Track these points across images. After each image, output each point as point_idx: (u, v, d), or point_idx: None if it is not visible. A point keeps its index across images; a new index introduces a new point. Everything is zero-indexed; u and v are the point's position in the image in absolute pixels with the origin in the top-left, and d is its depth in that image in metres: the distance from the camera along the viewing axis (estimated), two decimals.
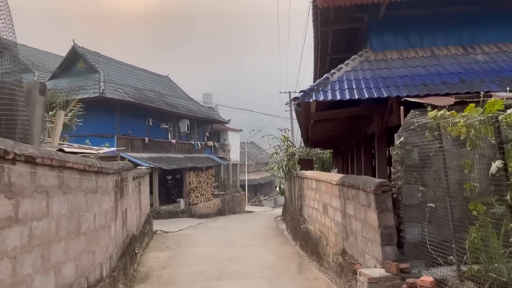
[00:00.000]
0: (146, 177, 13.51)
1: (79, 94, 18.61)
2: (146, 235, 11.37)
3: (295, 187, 13.67)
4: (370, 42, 9.22)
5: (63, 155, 4.02)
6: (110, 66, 23.09)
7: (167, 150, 23.18)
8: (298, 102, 7.43)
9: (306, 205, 10.94)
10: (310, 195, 10.19)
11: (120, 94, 19.40)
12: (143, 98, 21.36)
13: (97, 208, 5.04)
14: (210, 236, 13.09)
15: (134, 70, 25.94)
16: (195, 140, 26.93)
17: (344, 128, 13.22)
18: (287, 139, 16.59)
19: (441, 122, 4.54)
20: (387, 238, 5.45)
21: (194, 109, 27.48)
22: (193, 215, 22.02)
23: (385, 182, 5.53)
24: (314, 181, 9.46)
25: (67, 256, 4.08)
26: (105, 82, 19.51)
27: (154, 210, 19.37)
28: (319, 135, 15.31)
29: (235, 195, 30.50)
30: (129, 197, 8.26)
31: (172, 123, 24.28)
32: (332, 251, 7.69)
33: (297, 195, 12.84)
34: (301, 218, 11.65)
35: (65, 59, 21.83)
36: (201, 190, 23.97)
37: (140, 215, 10.92)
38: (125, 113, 20.97)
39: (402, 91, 7.22)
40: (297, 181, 12.96)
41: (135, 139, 20.64)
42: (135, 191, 9.77)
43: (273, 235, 13.11)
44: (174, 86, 29.63)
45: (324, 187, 8.31)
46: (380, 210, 5.48)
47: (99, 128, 19.72)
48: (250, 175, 49.06)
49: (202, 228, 16.02)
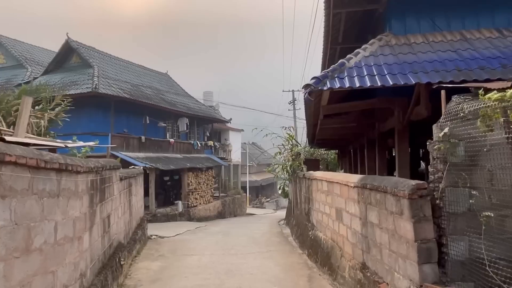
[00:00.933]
0: (140, 177, 12.45)
1: (71, 90, 17.58)
2: (137, 242, 10.28)
3: (301, 189, 12.59)
4: (390, 25, 8.13)
5: (0, 145, 2.95)
6: (105, 61, 22.06)
7: (165, 150, 22.11)
8: (310, 90, 6.34)
9: (314, 210, 9.84)
10: (320, 198, 9.10)
11: (115, 90, 18.35)
12: (139, 95, 20.31)
13: (59, 216, 3.96)
14: (208, 242, 11.99)
15: (131, 66, 24.90)
16: (194, 140, 25.87)
17: (355, 126, 12.12)
18: (292, 138, 15.49)
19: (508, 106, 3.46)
20: (425, 254, 4.35)
21: (194, 107, 26.42)
22: (192, 218, 20.93)
23: (423, 184, 4.44)
24: (325, 183, 8.37)
25: (7, 283, 3.00)
26: (99, 77, 18.47)
27: (150, 213, 18.32)
28: (327, 133, 14.22)
29: (236, 197, 29.41)
30: (114, 201, 7.18)
31: (171, 122, 23.22)
32: (349, 264, 6.59)
33: (304, 198, 11.75)
34: (309, 223, 10.55)
35: (58, 53, 20.79)
36: (201, 192, 22.88)
37: (131, 220, 9.85)
38: (120, 110, 19.92)
39: (434, 77, 6.12)
40: (303, 183, 11.87)
41: (130, 138, 19.58)
42: (124, 193, 8.69)
43: (277, 242, 12.01)
44: (173, 84, 28.58)
45: (338, 189, 7.22)
46: (417, 220, 4.38)
47: (92, 125, 18.69)
48: (252, 177, 47.98)
49: (200, 233, 14.92)
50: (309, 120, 11.29)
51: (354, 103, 8.29)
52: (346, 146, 20.03)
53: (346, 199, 6.75)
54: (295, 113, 29.13)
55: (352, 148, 17.65)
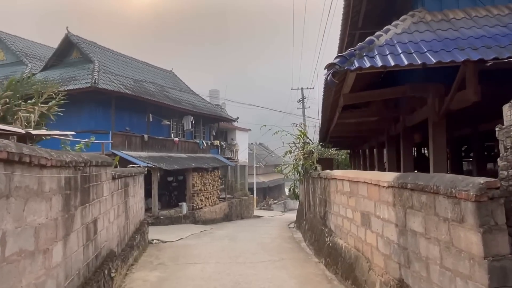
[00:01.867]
0: (139, 177, 11.46)
1: (70, 85, 16.69)
2: (135, 248, 9.27)
3: (316, 190, 11.51)
4: (423, 1, 7.04)
5: None
6: (106, 56, 21.17)
7: (169, 149, 21.14)
8: (334, 71, 5.27)
9: (332, 213, 8.75)
10: (340, 200, 8.01)
11: (116, 85, 17.42)
12: (142, 91, 19.36)
13: (10, 224, 2.93)
14: (214, 249, 10.95)
15: (134, 63, 23.99)
16: (200, 139, 24.89)
17: (376, 120, 11.04)
18: (304, 135, 14.40)
19: None
20: (499, 275, 3.27)
21: (199, 105, 25.45)
22: (197, 221, 19.92)
23: (495, 182, 3.35)
24: (347, 183, 7.28)
25: None
26: (100, 72, 17.55)
27: (153, 216, 17.34)
28: (342, 130, 13.14)
29: (243, 199, 28.37)
30: (103, 203, 6.17)
31: (175, 120, 22.26)
32: (380, 279, 5.50)
33: (319, 200, 10.66)
34: (325, 228, 9.46)
35: (58, 48, 19.92)
36: (206, 193, 21.86)
37: (127, 224, 8.84)
38: (122, 108, 19.00)
39: (486, 53, 5.03)
40: (318, 183, 10.79)
41: (133, 136, 18.63)
42: (118, 194, 7.69)
43: (290, 248, 10.92)
44: (178, 81, 27.65)
45: (365, 190, 6.14)
46: (487, 229, 3.30)
47: (92, 123, 17.81)
48: (259, 178, 46.91)
49: (205, 237, 13.89)
50: (324, 114, 10.22)
51: (381, 91, 7.21)
52: (361, 145, 18.91)
53: (377, 202, 5.66)
54: (304, 112, 28.05)
55: (368, 147, 16.53)
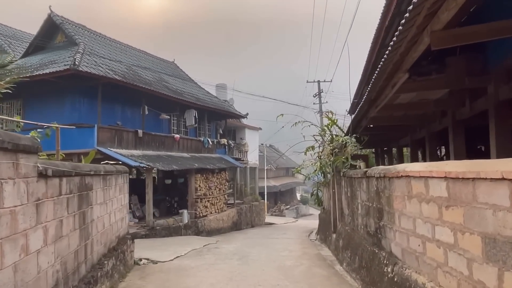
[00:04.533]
0: (118, 178, 8.55)
1: (46, 70, 13.92)
2: (102, 281, 6.31)
3: (356, 194, 8.45)
4: None
5: None
6: (97, 41, 18.41)
7: (169, 148, 18.25)
8: None
9: (398, 230, 5.71)
10: (417, 211, 4.98)
11: (103, 70, 14.60)
12: (136, 79, 16.52)
13: None
14: (218, 276, 7.96)
15: (130, 50, 21.21)
16: (205, 137, 21.97)
17: (437, 100, 8.03)
18: (334, 123, 11.32)
19: None
20: None
21: (204, 99, 22.55)
22: (201, 231, 16.95)
23: None
24: (440, 183, 4.25)
25: None
26: (84, 54, 14.77)
27: (147, 226, 14.43)
28: (385, 116, 10.16)
29: (253, 204, 25.35)
30: (24, 218, 3.24)
31: (176, 114, 19.37)
32: None
33: (365, 208, 7.60)
34: (381, 251, 6.40)
35: (40, 31, 17.19)
36: (212, 199, 18.89)
37: (86, 247, 5.89)
38: (113, 99, 16.20)
39: None
40: (364, 185, 7.74)
41: (124, 131, 15.77)
42: (59, 202, 4.77)
43: (324, 277, 7.85)
44: (180, 73, 24.81)
45: (503, 194, 3.13)
46: None
47: (75, 116, 15.02)
48: (270, 181, 43.88)
49: (208, 255, 10.91)
50: (374, 85, 7.19)
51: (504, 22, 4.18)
52: (394, 141, 15.74)
53: None
54: (321, 107, 24.98)
55: (409, 142, 13.39)
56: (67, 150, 12.31)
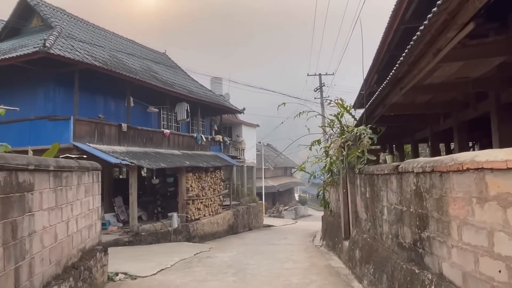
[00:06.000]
0: (87, 176, 6.88)
1: (13, 54, 12.20)
2: None
3: (380, 195, 6.79)
4: None
5: None
6: (77, 26, 16.67)
7: (157, 144, 16.55)
8: None
9: (454, 246, 4.06)
10: (485, 219, 3.33)
11: (80, 55, 12.89)
12: (120, 67, 14.80)
13: None
14: None
15: (116, 38, 19.45)
16: (198, 133, 20.27)
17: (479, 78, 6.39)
18: (347, 111, 9.62)
19: None
20: None
21: (197, 92, 20.84)
22: (193, 236, 15.27)
23: None
24: None
25: None
26: (59, 37, 13.04)
27: (131, 232, 12.75)
28: (413, 99, 8.59)
29: (251, 206, 23.69)
30: None
31: (166, 108, 17.67)
32: None
33: (396, 213, 5.93)
34: (424, 272, 4.75)
35: (13, 14, 15.39)
36: (205, 200, 17.19)
37: (32, 266, 4.23)
38: (92, 88, 14.51)
39: None
40: (390, 184, 6.08)
41: (106, 125, 14.05)
42: None
43: None
44: (172, 65, 23.09)
45: None
46: None
47: (49, 107, 13.34)
48: (267, 181, 42.22)
49: (199, 267, 9.22)
50: (410, 54, 5.55)
51: None
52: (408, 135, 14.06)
53: None
54: (322, 102, 23.35)
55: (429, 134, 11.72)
56: (39, 146, 10.65)
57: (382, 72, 12.84)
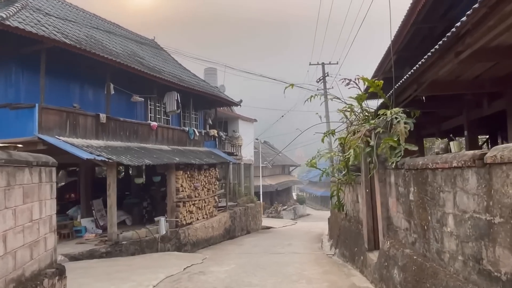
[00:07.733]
0: (27, 174, 4.89)
1: None
2: None
3: (439, 199, 4.82)
4: None
5: None
6: (51, 3, 14.56)
7: (143, 138, 14.52)
8: None
9: None
10: None
11: (48, 31, 10.83)
12: (98, 48, 12.74)
13: None
14: None
15: (97, 20, 17.34)
16: (190, 126, 18.26)
17: None
18: (378, 87, 7.57)
19: None
20: None
21: (189, 80, 18.81)
22: (184, 244, 13.26)
23: None
24: None
25: None
26: (22, 10, 10.98)
27: (109, 241, 10.75)
28: (461, 73, 6.68)
29: (249, 206, 21.73)
30: None
31: (154, 98, 15.62)
32: None
33: (474, 225, 3.95)
34: None
35: None
36: (198, 202, 15.18)
37: None
38: (66, 74, 12.49)
39: None
40: (464, 183, 4.12)
41: (80, 115, 12.00)
42: None
43: None
44: (161, 53, 21.01)
45: None
46: None
47: (11, 93, 11.33)
48: (265, 180, 40.28)
49: None
50: None
51: None
52: (440, 123, 12.02)
53: None
54: (326, 93, 21.42)
55: (467, 122, 9.77)
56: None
57: (402, 51, 11.03)
